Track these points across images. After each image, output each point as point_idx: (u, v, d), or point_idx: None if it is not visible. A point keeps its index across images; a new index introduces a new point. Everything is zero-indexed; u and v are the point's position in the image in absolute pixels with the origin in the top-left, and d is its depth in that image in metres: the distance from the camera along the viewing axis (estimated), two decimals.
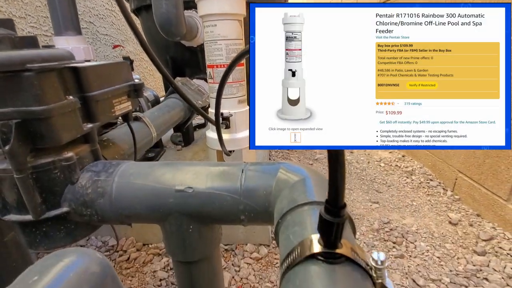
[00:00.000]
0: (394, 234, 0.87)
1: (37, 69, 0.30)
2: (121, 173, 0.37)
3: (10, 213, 0.35)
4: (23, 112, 0.31)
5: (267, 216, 0.34)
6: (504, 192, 0.88)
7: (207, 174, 0.36)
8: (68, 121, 0.34)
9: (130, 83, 0.48)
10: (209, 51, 0.73)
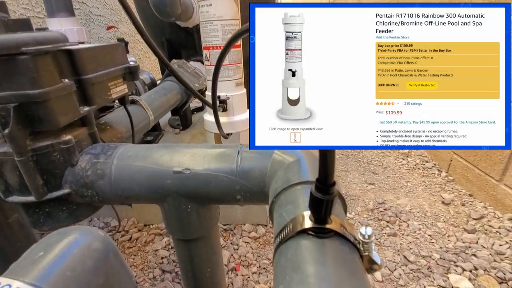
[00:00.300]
0: (388, 214, 0.90)
1: (32, 52, 0.30)
2: (120, 155, 0.37)
3: (13, 194, 0.36)
4: (20, 96, 0.31)
5: (263, 196, 0.35)
6: (497, 172, 0.89)
7: (204, 156, 0.37)
8: (65, 104, 0.35)
9: (125, 65, 0.48)
10: (205, 32, 0.72)
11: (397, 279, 0.67)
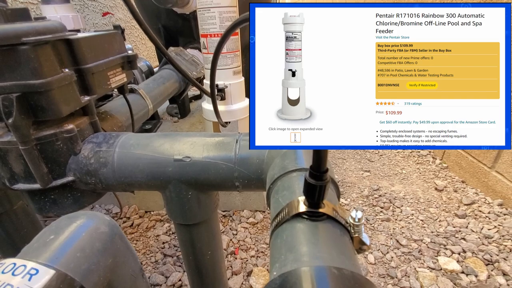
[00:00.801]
0: (382, 200, 0.92)
1: (32, 42, 0.30)
2: (122, 144, 0.38)
3: (18, 182, 0.37)
4: (22, 86, 0.32)
5: (260, 182, 0.37)
6: (489, 160, 0.92)
7: (204, 144, 0.38)
8: (66, 94, 0.35)
9: (123, 54, 0.48)
10: (202, 19, 0.71)
11: (389, 261, 0.70)
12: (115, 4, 1.66)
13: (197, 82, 0.68)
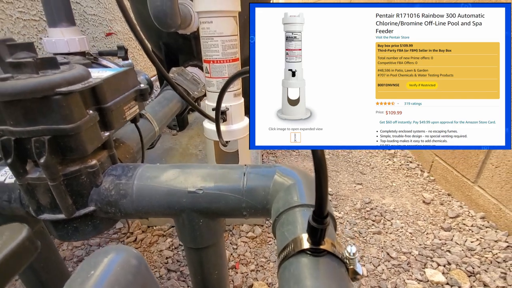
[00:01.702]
0: (374, 213, 0.97)
1: (65, 93, 0.34)
2: (139, 176, 0.42)
3: (44, 213, 0.40)
4: (54, 130, 0.35)
5: (266, 212, 0.41)
6: (472, 175, 0.98)
7: (214, 177, 0.42)
8: (91, 134, 0.39)
9: (136, 88, 0.52)
10: (206, 46, 0.75)
11: (380, 274, 0.75)
12: (114, 17, 1.69)
13: (198, 106, 0.72)
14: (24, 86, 0.32)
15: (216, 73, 0.77)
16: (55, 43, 0.80)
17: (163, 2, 0.76)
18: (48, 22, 0.81)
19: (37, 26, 1.14)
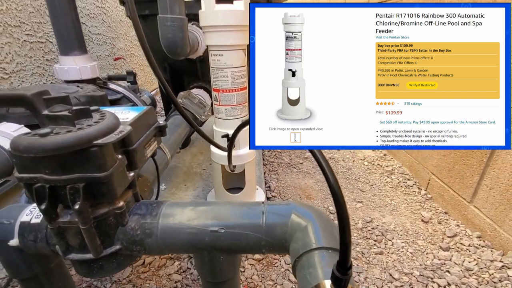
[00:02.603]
0: (375, 233, 1.00)
1: (101, 144, 0.36)
2: (163, 216, 0.44)
3: (72, 253, 0.42)
4: (88, 178, 0.37)
5: (284, 249, 0.44)
6: (468, 195, 1.02)
7: (234, 216, 0.45)
8: (120, 177, 0.41)
9: (156, 125, 0.55)
10: (216, 77, 0.79)
11: None
12: (117, 35, 1.72)
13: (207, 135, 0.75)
14: (64, 141, 0.34)
15: (225, 101, 0.80)
16: (68, 71, 0.82)
17: (175, 34, 0.79)
18: (61, 51, 0.84)
19: (43, 48, 1.16)
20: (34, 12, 1.11)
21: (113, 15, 1.67)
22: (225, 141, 0.82)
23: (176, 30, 0.79)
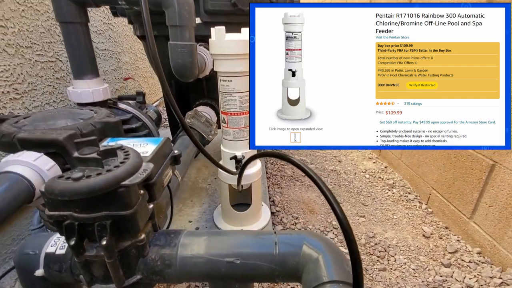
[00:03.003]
0: (378, 249, 1.03)
1: (128, 185, 0.39)
2: (182, 246, 0.47)
3: (96, 283, 0.45)
4: (115, 216, 0.40)
5: (296, 278, 0.46)
6: (468, 211, 1.05)
7: (249, 247, 0.47)
8: (143, 212, 0.44)
9: (171, 155, 0.57)
10: (224, 101, 0.82)
11: None
12: (122, 49, 1.76)
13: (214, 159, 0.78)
14: (95, 184, 0.37)
15: (233, 123, 0.83)
16: (81, 94, 0.85)
17: (185, 60, 0.83)
18: (74, 74, 0.86)
19: (53, 67, 1.19)
20: (45, 32, 1.14)
21: (119, 30, 1.71)
22: (233, 163, 0.85)
23: (186, 56, 0.83)
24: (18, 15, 1.01)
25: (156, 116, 1.33)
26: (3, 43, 0.95)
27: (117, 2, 0.77)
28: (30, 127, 0.67)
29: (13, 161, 0.59)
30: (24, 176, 0.57)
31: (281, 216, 1.18)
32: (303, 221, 1.17)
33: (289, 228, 1.12)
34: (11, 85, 0.97)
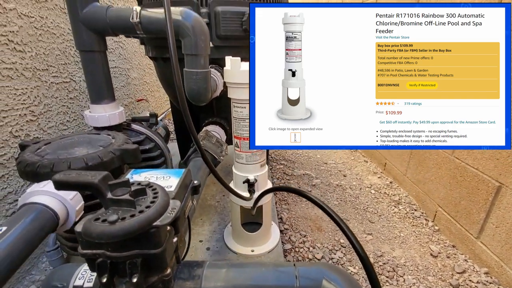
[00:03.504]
0: (386, 268, 1.04)
1: (159, 226, 0.41)
2: (205, 279, 0.49)
3: None
4: (146, 254, 0.42)
5: None
6: (475, 231, 1.06)
7: (270, 280, 0.49)
8: (170, 248, 0.46)
9: (191, 185, 0.59)
10: (238, 126, 0.84)
11: None
12: (132, 66, 1.79)
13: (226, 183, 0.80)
14: (130, 227, 0.39)
15: (246, 148, 0.86)
16: (98, 118, 0.87)
17: (199, 86, 0.85)
18: (91, 99, 0.89)
19: (67, 87, 1.22)
20: (60, 55, 1.17)
21: (128, 47, 1.75)
22: (245, 186, 0.87)
23: (201, 82, 0.85)
24: (35, 39, 1.04)
25: (165, 132, 1.36)
26: (21, 67, 0.98)
27: (135, 32, 0.80)
28: (53, 155, 0.69)
29: (38, 191, 0.61)
30: (49, 207, 0.59)
31: (290, 234, 1.19)
32: (311, 239, 1.18)
33: (298, 246, 1.13)
34: (27, 108, 1.00)
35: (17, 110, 0.95)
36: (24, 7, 0.98)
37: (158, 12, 0.79)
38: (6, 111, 0.92)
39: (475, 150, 1.06)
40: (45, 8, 1.08)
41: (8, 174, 0.93)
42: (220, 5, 0.99)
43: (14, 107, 0.94)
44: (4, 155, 0.91)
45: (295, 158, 2.03)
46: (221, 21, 1.00)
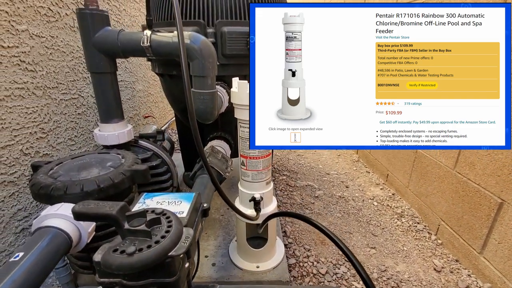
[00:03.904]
0: (390, 284, 1.05)
1: (175, 256, 0.43)
2: None
3: None
4: (160, 283, 0.44)
5: None
6: (477, 246, 1.07)
7: None
8: (184, 275, 0.47)
9: (201, 209, 0.61)
10: (244, 146, 0.86)
11: None
12: (137, 78, 1.82)
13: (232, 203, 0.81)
14: (148, 258, 0.41)
15: (252, 166, 0.87)
16: (107, 137, 0.89)
17: (206, 105, 0.88)
18: (101, 118, 0.91)
19: (76, 103, 1.25)
20: (70, 72, 1.20)
21: (133, 60, 1.78)
22: (252, 204, 0.89)
23: (208, 102, 0.88)
24: (46, 58, 1.07)
25: (170, 145, 1.39)
26: (32, 86, 1.00)
27: (145, 55, 0.83)
28: (66, 177, 0.71)
29: (52, 214, 0.63)
30: (63, 230, 0.61)
31: (294, 249, 1.20)
32: (315, 253, 1.19)
33: (302, 261, 1.14)
34: (38, 125, 1.02)
35: (27, 128, 0.98)
36: (35, 27, 1.01)
37: (167, 36, 0.82)
38: (18, 129, 0.94)
39: (476, 166, 1.08)
40: (56, 28, 1.11)
41: (19, 192, 0.95)
42: (226, 25, 1.02)
43: (25, 126, 0.97)
44: (15, 173, 0.93)
45: (297, 168, 2.05)
46: (227, 40, 1.02)
